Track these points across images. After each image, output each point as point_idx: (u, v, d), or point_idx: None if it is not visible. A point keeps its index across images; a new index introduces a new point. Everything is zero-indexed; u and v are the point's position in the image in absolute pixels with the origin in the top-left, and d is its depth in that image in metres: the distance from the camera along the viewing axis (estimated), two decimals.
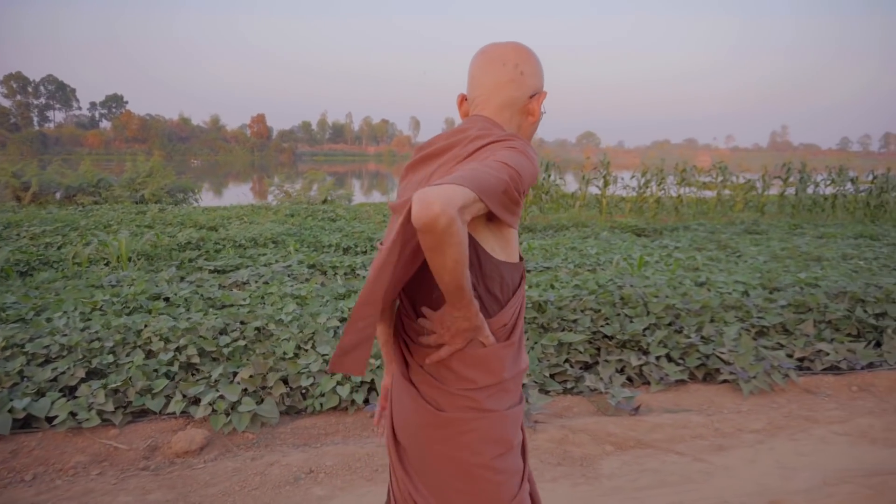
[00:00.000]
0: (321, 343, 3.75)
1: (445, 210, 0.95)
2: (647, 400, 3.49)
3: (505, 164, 1.11)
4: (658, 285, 5.08)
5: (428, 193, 0.96)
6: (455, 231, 0.97)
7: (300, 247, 8.04)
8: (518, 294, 1.31)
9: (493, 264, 1.23)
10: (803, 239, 9.98)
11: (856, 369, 3.94)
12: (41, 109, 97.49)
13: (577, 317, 4.26)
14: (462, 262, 1.02)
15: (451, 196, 0.97)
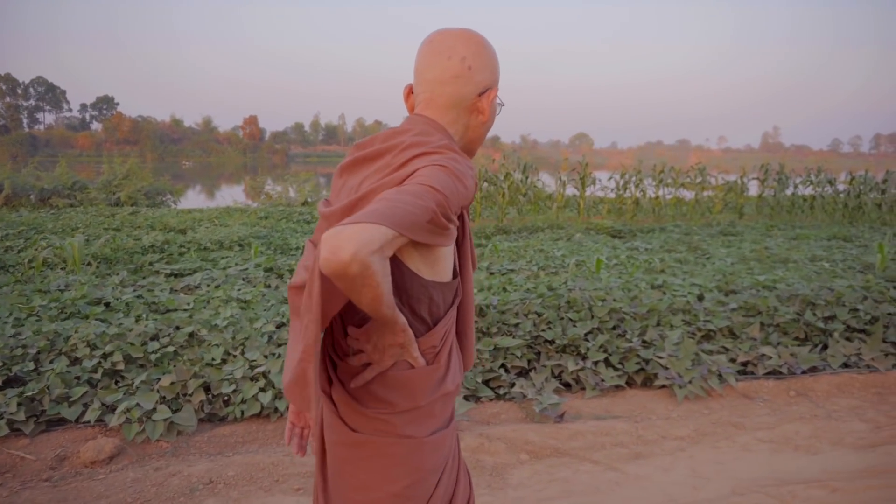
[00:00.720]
0: (251, 349, 3.68)
1: (356, 256, 0.87)
2: (580, 406, 3.43)
3: (431, 189, 1.02)
4: (610, 288, 5.03)
5: (339, 236, 0.89)
6: (370, 275, 0.90)
7: (265, 250, 7.96)
8: (450, 314, 1.23)
9: (419, 285, 1.16)
10: (776, 241, 9.97)
11: (796, 374, 3.90)
12: (31, 111, 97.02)
13: (519, 321, 4.20)
14: (381, 298, 0.96)
15: (365, 239, 0.89)
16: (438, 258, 1.17)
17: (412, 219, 0.96)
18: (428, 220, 0.99)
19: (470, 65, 1.20)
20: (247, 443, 3.05)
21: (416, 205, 0.98)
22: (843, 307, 4.69)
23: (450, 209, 1.04)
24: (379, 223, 0.91)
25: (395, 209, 0.95)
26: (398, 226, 0.93)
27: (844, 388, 3.77)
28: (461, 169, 1.10)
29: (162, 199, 15.18)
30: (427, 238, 1.02)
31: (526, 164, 13.24)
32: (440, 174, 1.06)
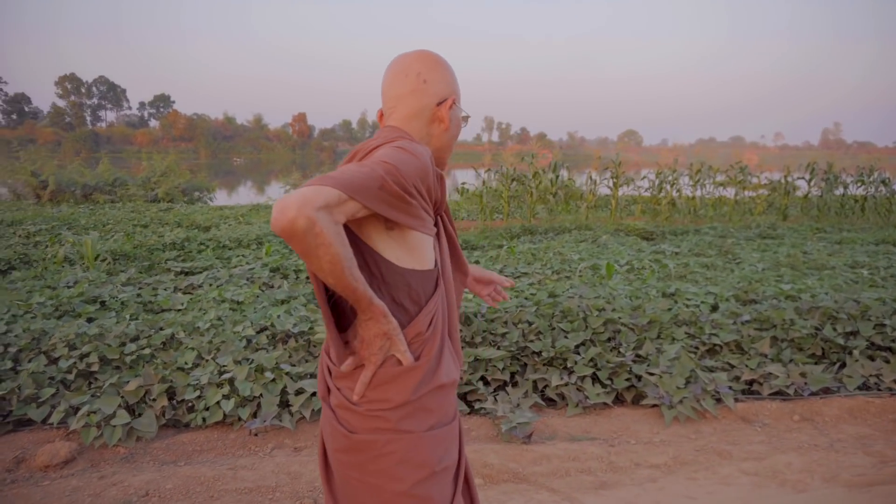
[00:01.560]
0: (225, 353, 3.61)
1: (301, 211, 0.93)
2: (557, 425, 3.23)
3: (381, 161, 1.08)
4: (614, 296, 4.77)
5: (285, 198, 0.96)
6: (318, 231, 0.95)
7: (281, 248, 7.97)
8: (434, 301, 1.25)
9: (396, 273, 1.19)
10: (817, 245, 9.39)
11: (803, 395, 3.58)
12: (94, 109, 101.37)
13: (507, 330, 4.01)
14: (339, 261, 1.00)
15: (308, 197, 0.95)
16: (415, 246, 1.21)
17: (359, 184, 1.02)
18: (378, 186, 1.05)
19: (425, 79, 1.32)
20: (204, 451, 2.98)
21: (362, 172, 1.05)
22: (868, 322, 4.31)
23: (403, 179, 1.09)
24: (322, 184, 0.99)
25: (341, 175, 1.03)
26: (345, 187, 1.00)
27: (857, 414, 3.43)
28: (416, 149, 1.16)
29: (198, 196, 15.52)
30: (385, 208, 1.08)
31: (556, 163, 12.89)
32: (392, 151, 1.14)
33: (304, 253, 0.98)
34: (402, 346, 1.17)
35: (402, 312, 1.21)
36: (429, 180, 1.18)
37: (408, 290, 1.21)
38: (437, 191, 1.24)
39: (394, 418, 1.19)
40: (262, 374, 3.37)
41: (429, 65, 1.33)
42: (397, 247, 1.18)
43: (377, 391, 1.19)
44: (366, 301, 1.09)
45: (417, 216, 1.15)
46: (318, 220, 0.94)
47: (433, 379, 1.23)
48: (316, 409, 3.23)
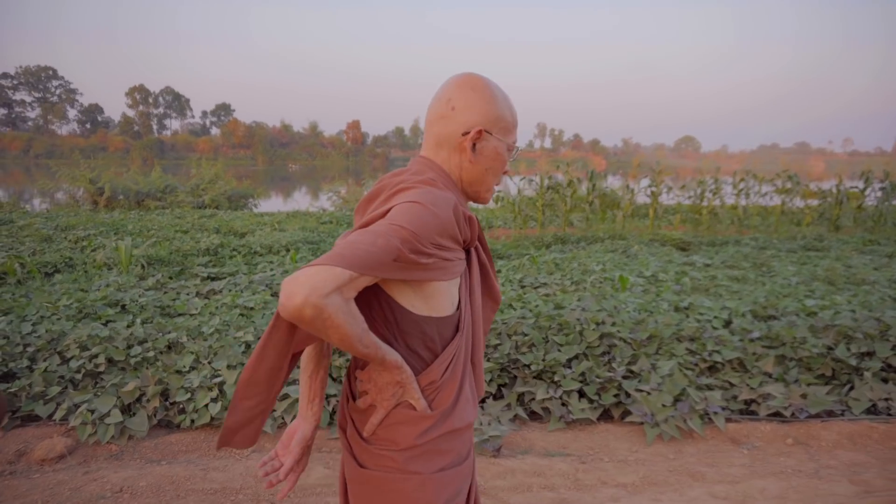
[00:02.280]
0: (220, 358, 3.76)
1: (308, 300, 0.92)
2: (535, 439, 3.21)
3: (395, 227, 1.02)
4: (619, 310, 4.70)
5: (293, 281, 0.94)
6: (327, 317, 0.94)
7: (309, 255, 8.18)
8: (450, 349, 1.21)
9: (412, 320, 1.16)
10: (864, 258, 8.93)
11: (799, 418, 3.43)
12: (160, 118, 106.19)
13: (500, 342, 4.01)
14: (349, 339, 1.00)
15: (318, 282, 0.93)
16: (434, 293, 1.16)
17: (372, 258, 0.98)
18: (393, 258, 1.00)
19: (454, 105, 1.23)
20: (188, 452, 3.11)
21: (376, 244, 0.99)
22: (886, 342, 4.09)
23: (420, 244, 1.03)
24: (333, 264, 0.95)
25: (354, 250, 0.98)
26: (355, 266, 0.96)
27: (857, 440, 3.27)
28: (433, 201, 1.09)
29: (244, 202, 16.07)
30: (402, 275, 1.04)
31: (593, 172, 12.70)
32: (409, 210, 1.06)
33: (312, 332, 0.98)
34: (415, 393, 1.16)
35: (417, 359, 1.19)
36: (452, 231, 1.12)
37: (423, 337, 1.18)
38: (467, 232, 1.19)
39: (401, 459, 1.18)
40: None
41: (463, 90, 1.23)
42: (414, 295, 1.15)
43: (387, 431, 1.19)
44: (378, 360, 1.10)
45: (437, 269, 1.10)
46: (325, 306, 0.93)
47: (445, 424, 1.21)
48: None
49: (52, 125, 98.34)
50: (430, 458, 1.19)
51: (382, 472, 1.19)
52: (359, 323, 1.01)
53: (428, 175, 1.21)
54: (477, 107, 1.22)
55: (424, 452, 1.19)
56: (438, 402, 1.20)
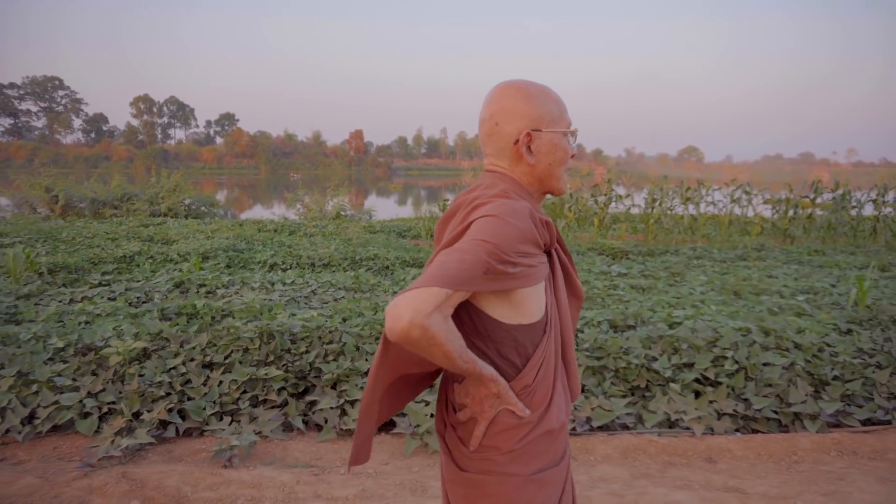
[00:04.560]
0: (13, 365, 3.69)
1: (414, 321, 0.99)
2: (294, 450, 3.12)
3: (482, 242, 1.09)
4: None
5: (397, 306, 1.01)
6: (432, 335, 1.01)
7: (218, 264, 8.14)
8: (540, 353, 1.26)
9: (503, 330, 1.22)
10: (791, 268, 8.77)
11: (577, 431, 3.32)
12: (164, 128, 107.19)
13: (307, 350, 3.93)
14: (451, 355, 1.07)
15: (420, 304, 1.00)
16: (522, 300, 1.21)
17: (464, 275, 1.05)
18: (483, 272, 1.08)
19: (497, 121, 1.30)
20: None
21: (465, 260, 1.07)
22: (710, 353, 3.98)
23: (505, 255, 1.10)
24: (430, 285, 1.02)
25: (446, 269, 1.06)
26: (450, 284, 1.04)
27: (631, 453, 3.16)
28: (509, 213, 1.16)
29: (205, 210, 16.09)
30: (494, 286, 1.11)
31: None
32: (489, 224, 1.13)
33: (418, 352, 1.05)
34: (512, 399, 1.22)
35: (510, 366, 1.24)
36: (533, 237, 1.18)
37: (515, 344, 1.23)
38: (545, 236, 1.25)
39: (501, 461, 1.23)
40: (28, 387, 3.44)
41: (499, 103, 1.30)
42: (503, 304, 1.20)
43: (487, 438, 1.24)
44: (476, 374, 1.16)
45: (524, 276, 1.16)
46: (430, 325, 1.00)
47: (541, 425, 1.26)
48: (62, 422, 3.26)
49: (57, 134, 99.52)
50: (528, 459, 1.24)
51: (482, 474, 1.24)
52: (458, 339, 1.08)
53: (500, 187, 1.26)
54: (517, 114, 1.28)
55: (523, 454, 1.24)
56: (533, 404, 1.25)
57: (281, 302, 5.80)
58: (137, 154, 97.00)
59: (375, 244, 10.52)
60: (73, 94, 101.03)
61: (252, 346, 3.94)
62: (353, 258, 8.69)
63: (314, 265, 8.42)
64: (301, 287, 6.64)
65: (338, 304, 5.24)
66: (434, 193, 39.90)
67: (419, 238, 12.62)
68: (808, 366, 3.94)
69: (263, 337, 4.01)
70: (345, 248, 9.29)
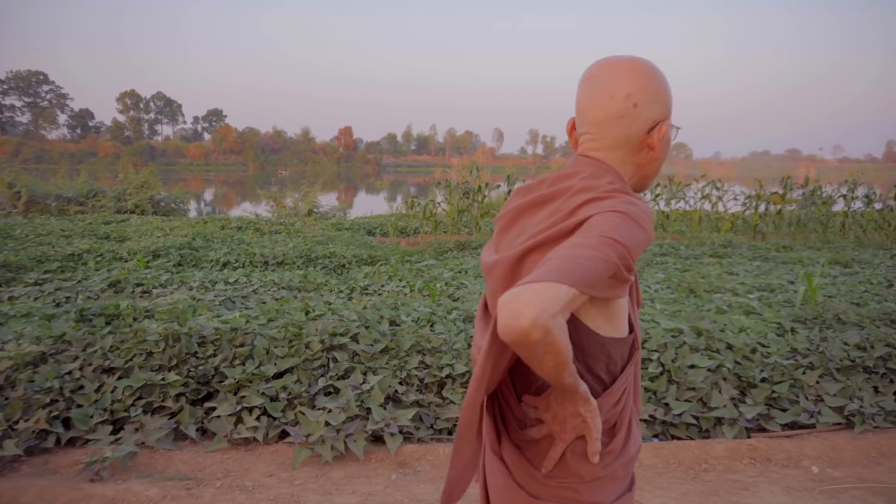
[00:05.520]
0: None
1: (538, 322, 0.83)
2: (183, 460, 2.95)
3: (612, 241, 0.95)
4: (384, 318, 4.43)
5: (517, 300, 0.85)
6: (552, 340, 0.86)
7: (166, 263, 7.94)
8: (628, 371, 1.16)
9: (597, 342, 1.09)
10: (754, 265, 8.67)
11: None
12: (151, 124, 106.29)
13: (213, 353, 3.76)
14: (564, 364, 0.92)
15: (545, 302, 0.84)
16: (615, 312, 1.10)
17: (594, 275, 0.91)
18: (610, 275, 0.94)
19: (635, 102, 1.12)
20: None
21: (598, 259, 0.92)
22: None
23: (631, 260, 0.97)
24: (559, 282, 0.87)
25: (574, 265, 0.90)
26: (579, 284, 0.88)
27: None
28: (639, 214, 1.03)
29: (172, 207, 15.85)
30: (607, 293, 0.97)
31: (509, 176, 12.45)
32: (618, 222, 0.99)
33: (528, 357, 0.89)
34: (595, 433, 1.06)
35: (597, 383, 1.12)
36: (647, 245, 1.08)
37: (606, 360, 1.11)
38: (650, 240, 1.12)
39: (583, 491, 1.12)
40: None
41: (642, 82, 1.12)
42: (598, 314, 1.08)
43: (567, 464, 1.11)
44: (573, 389, 1.01)
45: (627, 289, 1.03)
46: (553, 328, 0.85)
47: (624, 452, 1.16)
48: None
49: (42, 130, 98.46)
50: (609, 486, 1.15)
51: (560, 502, 1.12)
52: (570, 348, 0.92)
53: (607, 179, 1.12)
54: (658, 99, 1.14)
55: (604, 482, 1.14)
56: (619, 427, 1.15)
57: (215, 302, 5.62)
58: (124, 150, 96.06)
59: (338, 242, 10.35)
60: (57, 88, 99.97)
61: (156, 350, 3.76)
62: (309, 256, 8.51)
63: (267, 263, 8.24)
64: (244, 286, 6.46)
65: (266, 305, 5.06)
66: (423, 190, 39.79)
67: (387, 235, 12.44)
68: (738, 367, 3.81)
69: (169, 340, 3.83)
70: (301, 247, 9.10)
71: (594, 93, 1.15)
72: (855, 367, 3.92)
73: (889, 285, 7.32)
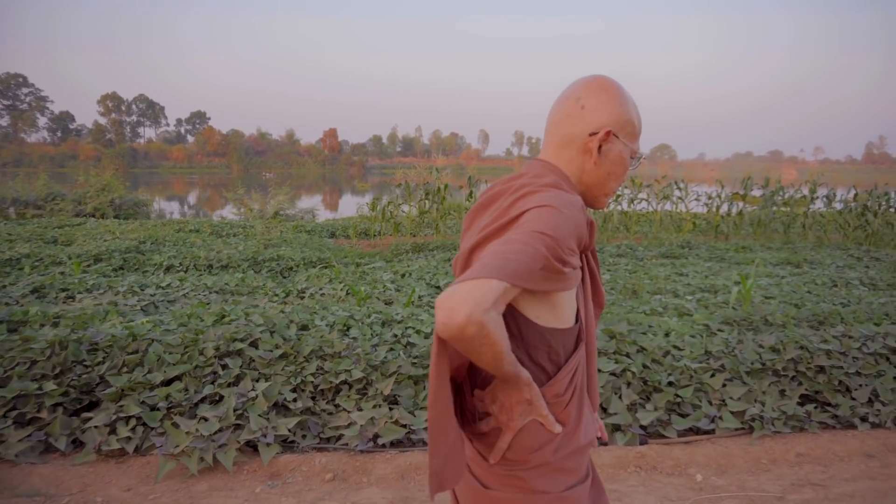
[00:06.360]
0: None
1: (472, 317, 0.89)
2: (40, 474, 2.81)
3: (540, 234, 0.99)
4: (275, 324, 4.31)
5: (451, 299, 0.91)
6: (487, 333, 0.91)
7: (104, 267, 7.77)
8: (573, 361, 1.17)
9: (537, 332, 1.13)
10: (699, 267, 8.63)
11: (329, 447, 3.05)
12: (133, 126, 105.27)
13: (102, 360, 3.62)
14: (500, 355, 0.96)
15: (478, 298, 0.90)
16: (558, 303, 1.13)
17: (524, 268, 0.96)
18: (540, 267, 0.98)
19: (583, 104, 1.20)
20: None
21: (526, 252, 0.97)
22: None
23: (562, 251, 1.01)
24: (489, 277, 0.92)
25: (504, 260, 0.95)
26: (510, 277, 0.94)
27: (410, 473, 2.90)
28: (564, 204, 1.07)
29: (135, 210, 15.60)
30: (543, 285, 1.01)
31: (471, 178, 12.36)
32: (546, 215, 1.03)
33: (467, 350, 0.94)
34: (543, 410, 1.12)
35: (540, 372, 1.15)
36: (582, 235, 1.10)
37: (548, 349, 1.14)
38: (586, 238, 1.14)
39: (530, 478, 1.15)
40: None
41: (592, 90, 1.21)
42: (539, 305, 1.11)
43: (515, 451, 1.15)
44: (515, 377, 1.05)
45: (570, 278, 1.06)
46: (487, 322, 0.90)
47: (572, 441, 1.17)
48: None
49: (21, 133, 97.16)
50: (557, 476, 1.16)
51: (510, 492, 1.16)
52: (506, 339, 0.97)
53: (549, 178, 1.17)
54: (607, 108, 1.20)
55: (553, 471, 1.16)
56: (564, 417, 1.16)
57: (136, 307, 5.47)
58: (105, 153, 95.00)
59: (294, 244, 10.20)
60: (37, 91, 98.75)
61: (42, 358, 3.61)
62: (255, 259, 8.36)
63: (211, 267, 8.08)
64: (176, 290, 6.31)
65: (179, 310, 4.92)
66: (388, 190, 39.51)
67: (348, 238, 12.31)
68: (645, 371, 3.73)
69: (55, 347, 3.68)
70: (250, 249, 8.95)
71: (558, 99, 1.25)
72: (765, 371, 3.86)
73: (833, 285, 7.31)
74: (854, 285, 7.27)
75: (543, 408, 1.12)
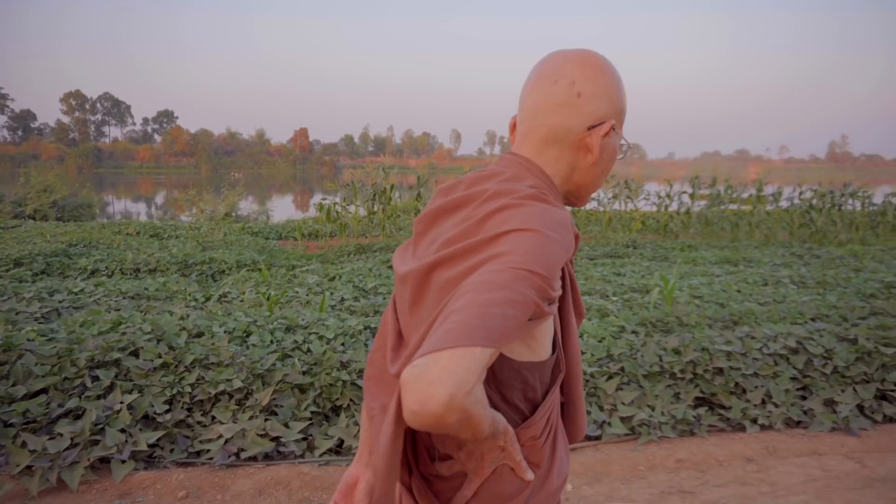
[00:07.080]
0: None
1: (452, 404, 0.68)
2: None
3: (528, 274, 0.79)
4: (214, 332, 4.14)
5: (424, 377, 0.68)
6: (469, 417, 0.71)
7: (44, 268, 7.50)
8: (550, 398, 1.03)
9: (512, 369, 0.97)
10: (643, 265, 8.65)
11: (197, 462, 2.91)
12: (97, 125, 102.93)
13: None
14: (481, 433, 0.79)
15: (459, 377, 0.68)
16: (536, 334, 0.97)
17: (512, 324, 0.76)
18: (530, 316, 0.80)
19: (580, 91, 0.99)
20: None
21: (514, 303, 0.76)
22: None
23: (551, 289, 0.83)
24: (470, 345, 0.71)
25: (487, 319, 0.74)
26: (497, 341, 0.73)
27: (269, 488, 2.76)
28: (554, 225, 0.87)
29: (79, 212, 15.15)
30: (527, 332, 0.90)
31: (420, 177, 12.24)
32: (533, 244, 0.83)
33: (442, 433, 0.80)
34: (517, 456, 0.96)
35: (515, 413, 0.99)
36: (569, 257, 0.93)
37: (523, 386, 0.99)
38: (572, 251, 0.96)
39: None
40: None
41: (589, 71, 0.99)
42: None
43: (481, 500, 0.99)
44: (490, 435, 0.90)
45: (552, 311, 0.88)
46: (470, 405, 0.70)
47: (545, 485, 1.04)
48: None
49: None
50: None
51: None
52: (488, 409, 0.80)
53: (528, 182, 0.98)
54: (608, 94, 1.00)
55: None
56: (538, 458, 1.02)
57: (36, 314, 5.23)
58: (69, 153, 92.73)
59: (234, 246, 9.97)
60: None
61: None
62: (186, 262, 8.12)
63: (138, 271, 7.83)
64: (88, 295, 6.07)
65: (71, 318, 4.70)
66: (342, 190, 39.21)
67: (294, 239, 12.09)
68: None
69: None
70: (182, 252, 8.70)
71: (538, 77, 1.01)
72: (663, 373, 3.81)
73: (764, 284, 7.36)
74: (784, 283, 7.33)
75: (518, 453, 0.97)
